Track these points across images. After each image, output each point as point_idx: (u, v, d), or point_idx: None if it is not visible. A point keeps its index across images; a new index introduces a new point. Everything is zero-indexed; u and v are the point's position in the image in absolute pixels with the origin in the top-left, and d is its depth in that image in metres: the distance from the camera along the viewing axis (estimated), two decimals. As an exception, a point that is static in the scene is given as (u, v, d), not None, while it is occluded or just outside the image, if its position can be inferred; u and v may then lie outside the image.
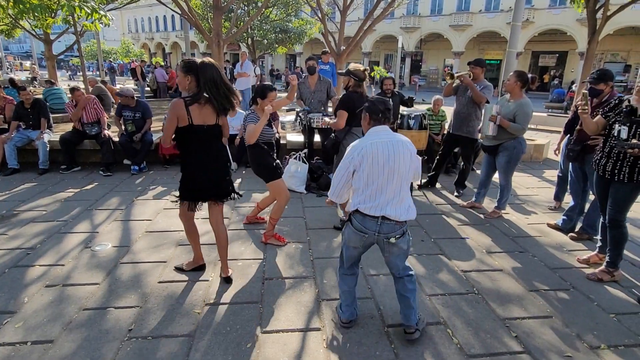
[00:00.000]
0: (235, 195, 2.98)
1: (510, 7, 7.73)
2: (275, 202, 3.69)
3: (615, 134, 2.88)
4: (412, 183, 2.54)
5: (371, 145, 2.20)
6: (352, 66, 3.93)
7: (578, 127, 3.79)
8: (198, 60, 2.60)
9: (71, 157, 5.90)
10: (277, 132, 6.30)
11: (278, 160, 3.63)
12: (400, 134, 5.30)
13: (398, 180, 2.22)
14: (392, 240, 2.24)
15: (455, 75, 4.64)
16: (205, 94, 2.59)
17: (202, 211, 3.00)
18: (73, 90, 5.97)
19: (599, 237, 3.47)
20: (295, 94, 6.26)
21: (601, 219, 3.35)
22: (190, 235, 3.07)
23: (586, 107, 3.08)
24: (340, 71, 3.97)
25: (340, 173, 2.29)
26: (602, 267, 3.21)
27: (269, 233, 3.68)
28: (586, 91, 3.16)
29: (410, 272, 2.40)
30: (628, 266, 3.40)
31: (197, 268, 3.15)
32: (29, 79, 18.48)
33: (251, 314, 2.64)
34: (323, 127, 5.37)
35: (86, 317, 2.56)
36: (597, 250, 3.47)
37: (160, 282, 2.98)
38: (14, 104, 5.95)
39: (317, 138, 6.06)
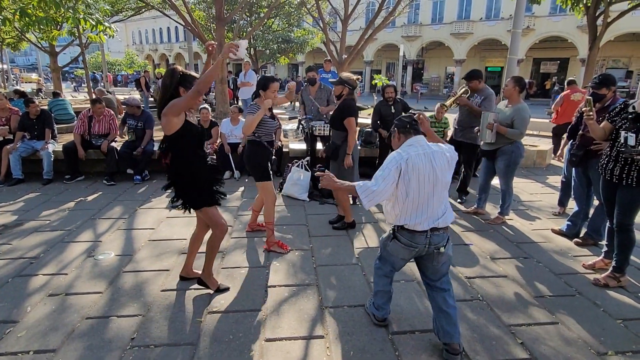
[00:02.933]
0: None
1: (511, 15, 7.77)
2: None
3: (623, 141, 2.85)
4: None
5: (416, 156, 2.17)
6: (345, 75, 3.96)
7: (581, 132, 3.79)
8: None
9: (75, 166, 5.94)
10: (280, 140, 6.34)
11: (275, 159, 3.63)
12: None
13: (441, 189, 2.22)
14: (442, 249, 2.26)
15: (451, 102, 4.67)
16: None
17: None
18: (95, 102, 6.01)
19: (605, 242, 3.44)
20: (297, 103, 6.31)
21: (607, 224, 3.32)
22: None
23: (591, 113, 3.06)
24: (332, 80, 4.00)
25: (385, 179, 2.15)
26: (609, 272, 3.18)
27: (270, 240, 3.67)
28: (590, 97, 3.15)
29: (450, 287, 2.37)
30: (635, 272, 3.36)
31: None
32: (35, 90, 18.69)
33: (254, 321, 2.62)
34: (324, 134, 5.40)
35: (89, 326, 2.55)
36: (602, 255, 3.43)
37: (162, 291, 2.97)
38: (19, 114, 6.01)
39: (319, 146, 6.07)
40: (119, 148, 5.97)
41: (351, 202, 5.03)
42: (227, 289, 2.98)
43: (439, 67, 35.06)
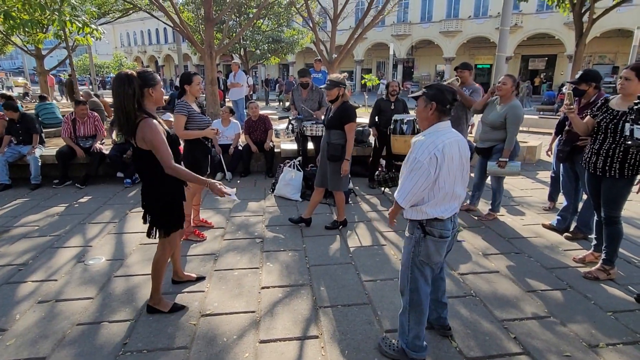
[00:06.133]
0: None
1: (499, 13, 7.84)
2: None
3: (628, 134, 2.81)
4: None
5: (450, 145, 1.99)
6: (335, 76, 3.90)
7: (567, 127, 3.83)
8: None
9: (65, 171, 5.86)
10: (271, 141, 6.32)
11: (215, 154, 3.70)
12: (394, 139, 5.32)
13: (466, 176, 2.15)
14: (460, 228, 2.26)
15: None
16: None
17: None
18: (78, 103, 5.95)
19: (593, 235, 3.48)
20: (287, 102, 6.31)
21: (595, 217, 3.37)
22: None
23: (572, 107, 3.11)
24: (324, 86, 3.92)
25: (420, 176, 1.96)
26: (598, 265, 3.22)
27: (188, 230, 3.79)
28: (570, 91, 3.20)
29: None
30: (624, 264, 3.41)
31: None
32: (21, 94, 18.43)
33: (248, 323, 2.61)
34: (316, 134, 5.39)
35: (80, 332, 2.52)
36: (592, 249, 3.47)
37: (155, 295, 2.94)
38: (6, 119, 5.91)
39: (310, 146, 6.06)
40: (107, 152, 5.90)
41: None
42: (183, 307, 2.75)
43: (429, 65, 35.21)
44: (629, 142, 2.81)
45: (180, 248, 3.09)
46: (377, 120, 5.74)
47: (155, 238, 2.54)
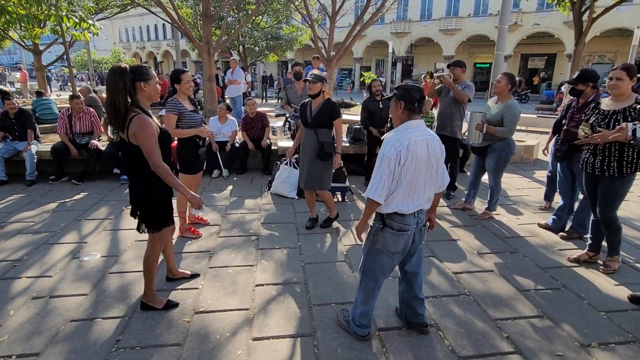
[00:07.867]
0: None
1: (499, 11, 7.81)
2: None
3: (631, 134, 2.78)
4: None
5: (415, 143, 2.07)
6: (317, 72, 3.85)
7: (565, 127, 3.83)
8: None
9: (61, 167, 5.84)
10: (268, 138, 6.31)
11: (202, 153, 3.70)
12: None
13: (434, 176, 2.22)
14: (427, 224, 2.37)
15: (435, 75, 4.70)
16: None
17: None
18: (72, 97, 5.92)
19: (589, 235, 3.49)
20: (283, 100, 6.31)
21: (591, 217, 3.38)
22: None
23: (590, 139, 3.03)
24: (309, 78, 3.84)
25: (384, 172, 2.07)
26: (606, 258, 3.30)
27: (182, 227, 3.82)
28: (587, 130, 3.11)
29: (421, 269, 2.50)
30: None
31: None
32: (19, 89, 18.34)
33: (241, 321, 2.61)
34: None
35: (73, 328, 2.52)
36: (587, 248, 3.48)
37: (149, 292, 2.94)
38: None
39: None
40: (103, 148, 5.88)
41: (340, 199, 5.04)
42: (177, 304, 2.76)
43: (428, 63, 35.11)
44: (632, 142, 2.81)
45: (172, 245, 3.09)
46: (368, 120, 5.71)
47: (143, 232, 2.57)
